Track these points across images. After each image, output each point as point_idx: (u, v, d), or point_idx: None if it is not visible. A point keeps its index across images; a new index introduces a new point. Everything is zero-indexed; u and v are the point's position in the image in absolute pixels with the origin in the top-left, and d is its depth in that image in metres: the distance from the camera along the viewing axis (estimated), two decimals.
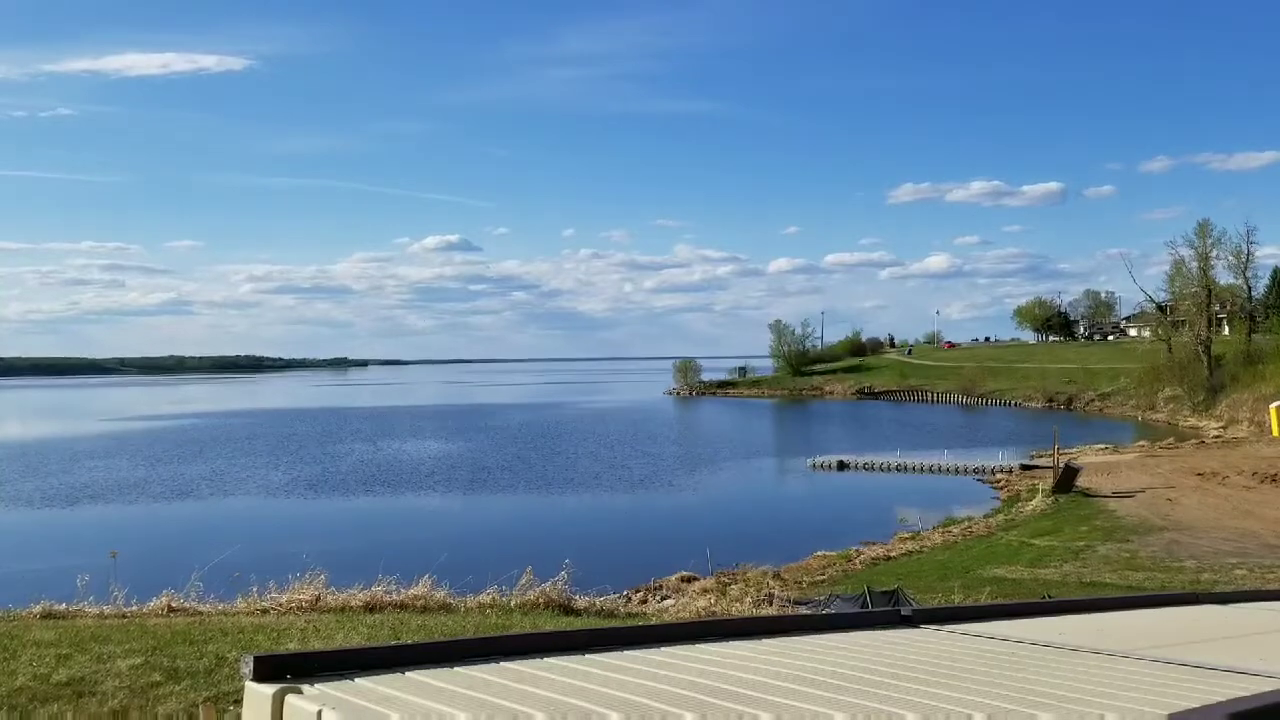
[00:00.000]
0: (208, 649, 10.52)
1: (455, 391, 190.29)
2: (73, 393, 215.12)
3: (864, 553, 35.06)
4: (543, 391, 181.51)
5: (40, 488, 52.35)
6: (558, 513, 45.67)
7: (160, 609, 14.95)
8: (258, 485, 53.92)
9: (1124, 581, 27.37)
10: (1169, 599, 6.34)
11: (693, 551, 31.28)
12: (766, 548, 33.43)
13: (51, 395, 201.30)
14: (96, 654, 10.16)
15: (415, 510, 46.29)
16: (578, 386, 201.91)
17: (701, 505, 48.67)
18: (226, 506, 47.56)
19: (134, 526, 41.40)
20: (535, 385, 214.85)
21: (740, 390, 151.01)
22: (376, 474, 57.84)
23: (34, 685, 9.05)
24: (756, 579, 28.42)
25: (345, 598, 15.50)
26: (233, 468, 61.48)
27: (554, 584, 17.00)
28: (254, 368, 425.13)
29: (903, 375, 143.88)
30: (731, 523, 42.51)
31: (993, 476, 55.04)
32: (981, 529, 38.81)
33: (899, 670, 3.32)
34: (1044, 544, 34.06)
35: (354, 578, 16.74)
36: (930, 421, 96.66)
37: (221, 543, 28.00)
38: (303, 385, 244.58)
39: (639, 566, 30.82)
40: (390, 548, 28.19)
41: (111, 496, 49.50)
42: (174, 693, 8.91)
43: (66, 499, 48.56)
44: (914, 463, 59.30)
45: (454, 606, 15.90)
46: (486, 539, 36.33)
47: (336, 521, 42.87)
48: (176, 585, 16.05)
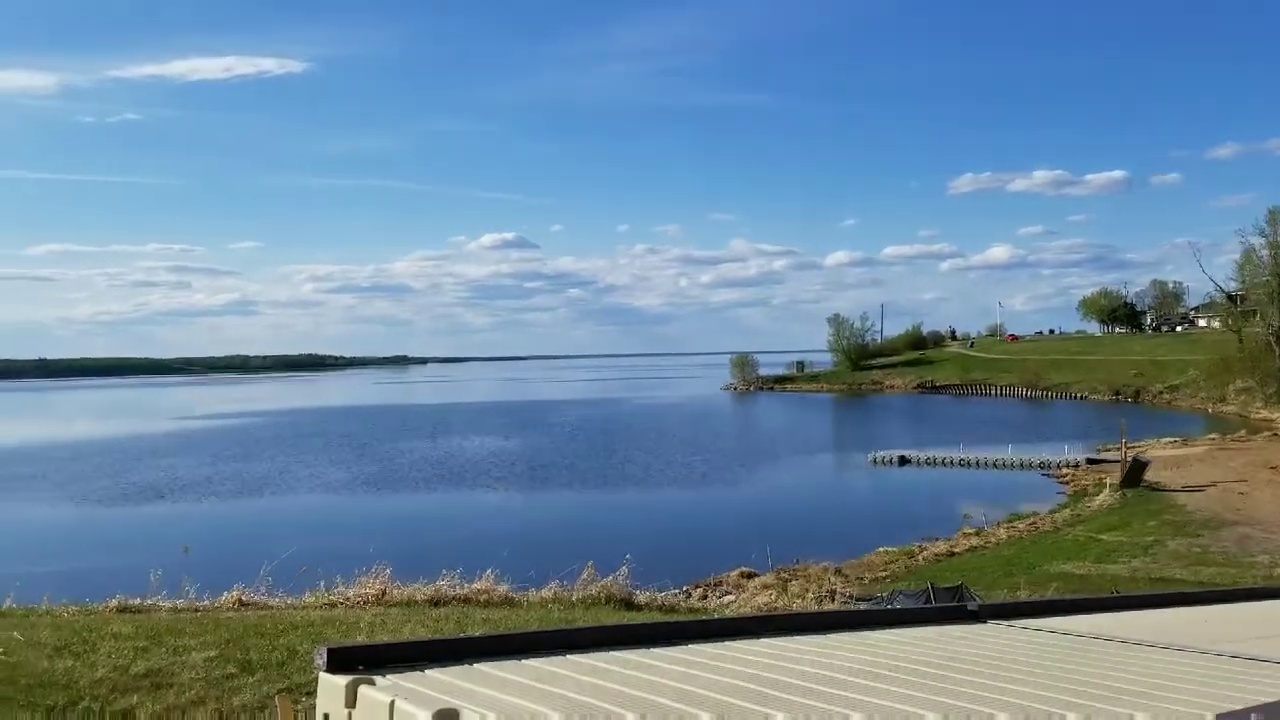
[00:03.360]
0: (279, 642, 10.73)
1: (513, 388, 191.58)
2: (141, 393, 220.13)
3: (927, 549, 34.73)
4: (599, 388, 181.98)
5: (112, 486, 53.70)
6: (617, 508, 45.82)
7: (231, 603, 15.28)
8: (321, 482, 54.79)
9: (1194, 577, 26.84)
10: (1241, 594, 6.22)
11: (752, 548, 31.21)
12: (827, 544, 33.27)
13: (120, 395, 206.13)
14: (172, 647, 10.41)
15: (476, 506, 46.72)
16: (634, 382, 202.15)
17: (760, 501, 48.51)
18: (292, 503, 48.39)
19: (203, 523, 42.30)
20: (592, 381, 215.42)
21: (798, 385, 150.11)
22: (437, 470, 58.46)
23: (114, 677, 9.31)
24: (817, 575, 28.31)
25: (410, 592, 15.73)
26: (296, 465, 62.50)
27: (615, 579, 17.07)
28: (316, 366, 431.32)
29: (965, 369, 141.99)
30: (791, 519, 42.34)
31: (1058, 471, 54.23)
32: (1047, 524, 38.27)
33: (966, 665, 3.31)
34: (1112, 539, 33.49)
35: (418, 572, 16.96)
36: (993, 416, 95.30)
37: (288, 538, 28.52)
38: (363, 383, 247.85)
39: (698, 562, 30.82)
40: (452, 543, 28.56)
41: (181, 494, 50.62)
42: (248, 685, 9.11)
43: (138, 497, 49.77)
44: (977, 458, 58.58)
45: (517, 601, 16.04)
46: (547, 534, 36.57)
47: (399, 517, 43.45)
48: (246, 580, 16.39)
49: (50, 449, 76.42)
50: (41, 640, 10.78)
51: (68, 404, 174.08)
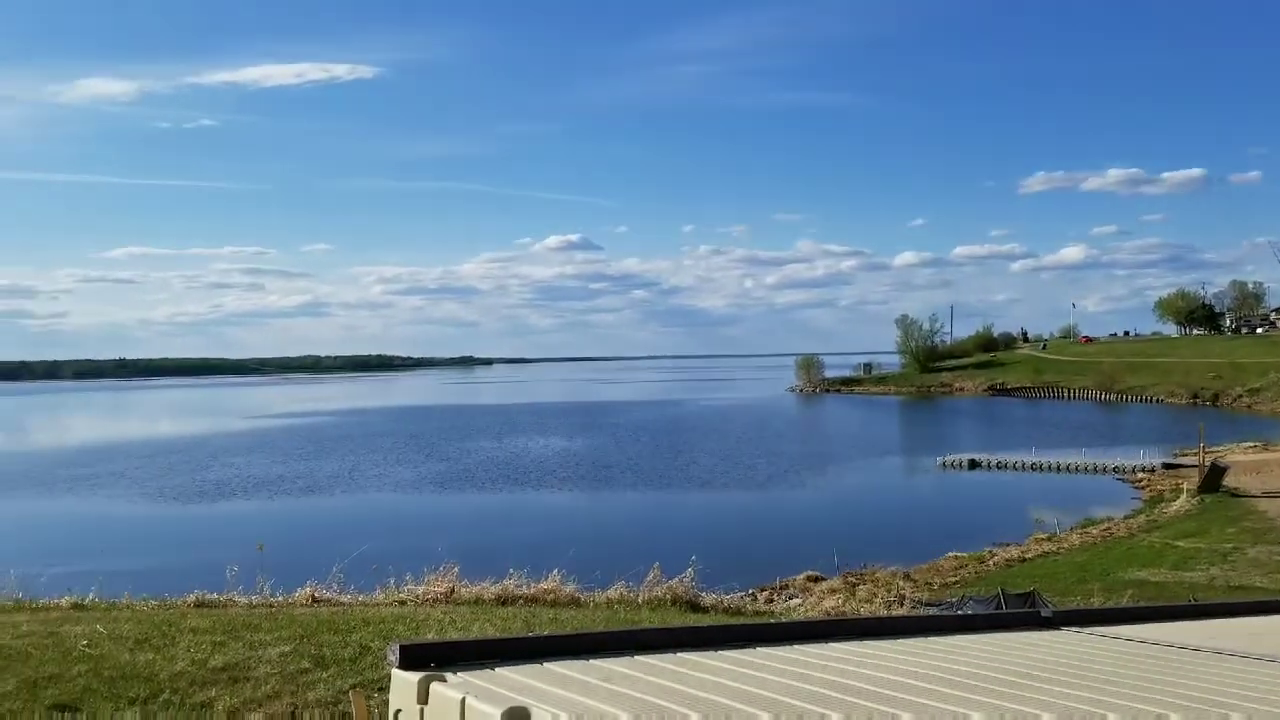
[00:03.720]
0: (351, 638, 10.91)
1: (577, 389, 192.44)
2: (216, 392, 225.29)
3: (997, 554, 34.20)
4: (663, 389, 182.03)
5: (189, 484, 55.03)
6: (682, 510, 45.81)
7: (305, 599, 15.55)
8: (390, 481, 55.57)
9: (1275, 585, 26.08)
10: None
11: (819, 551, 31.03)
12: (895, 548, 32.93)
13: (196, 395, 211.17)
14: (248, 641, 10.65)
15: (542, 506, 47.03)
16: (698, 384, 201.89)
17: (827, 504, 48.15)
18: (362, 501, 49.15)
19: (276, 520, 43.13)
20: (656, 383, 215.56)
21: (865, 387, 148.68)
22: (503, 470, 58.96)
23: (192, 670, 9.55)
24: (886, 580, 28.02)
25: (478, 590, 15.86)
26: (366, 464, 63.47)
27: (681, 581, 17.04)
28: (385, 366, 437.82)
29: (1037, 371, 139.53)
30: (858, 522, 41.97)
31: (1133, 476, 53.09)
32: (1122, 530, 37.48)
33: (1039, 672, 3.27)
34: (1189, 546, 32.67)
35: (485, 571, 17.11)
36: (1066, 419, 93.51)
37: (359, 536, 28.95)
38: (431, 383, 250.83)
39: (764, 565, 30.68)
40: (519, 542, 28.75)
41: (254, 492, 51.69)
42: (322, 679, 9.28)
43: (213, 494, 50.95)
44: (1049, 462, 57.57)
45: (583, 601, 16.10)
46: (612, 535, 36.68)
47: (466, 516, 43.92)
48: (319, 576, 16.67)
49: (130, 448, 78.57)
50: (123, 633, 11.09)
51: (146, 404, 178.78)
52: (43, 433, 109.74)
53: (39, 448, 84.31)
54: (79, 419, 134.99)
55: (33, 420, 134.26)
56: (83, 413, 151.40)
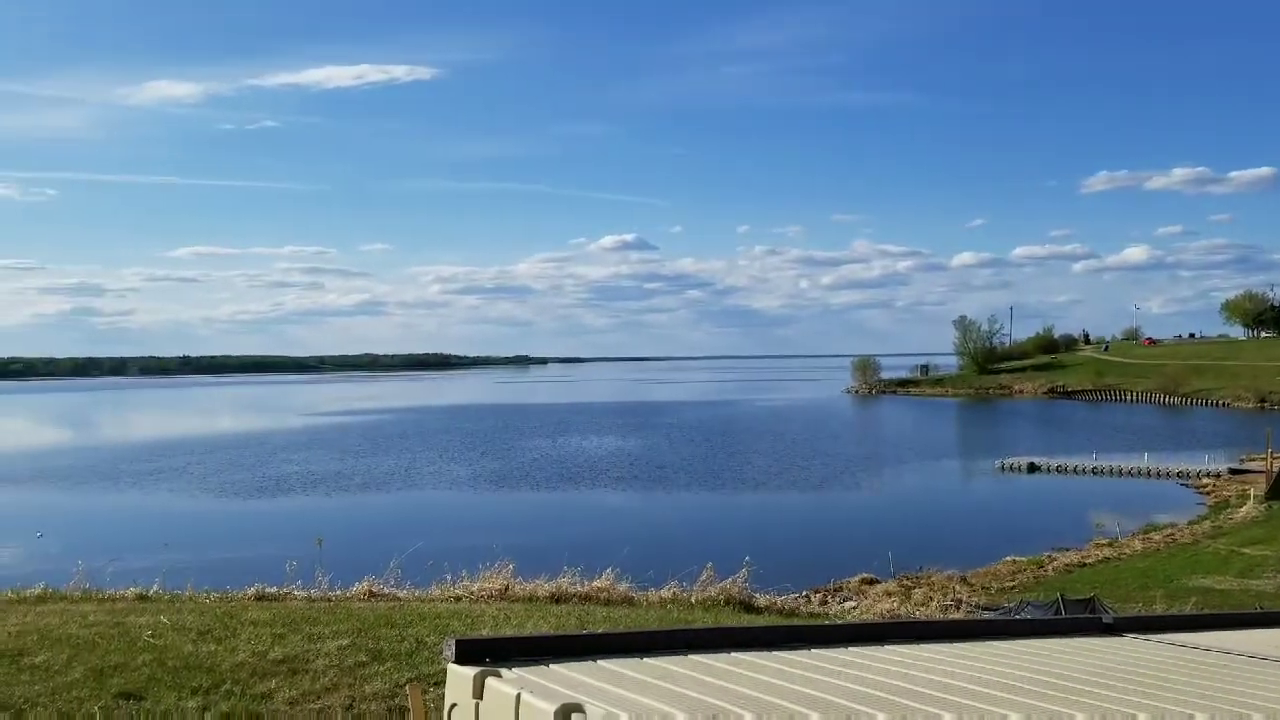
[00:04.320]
0: (408, 632, 11.05)
1: (631, 389, 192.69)
2: (277, 389, 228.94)
3: (1057, 559, 33.64)
4: (718, 389, 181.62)
5: (249, 479, 55.98)
6: (736, 510, 45.67)
7: (362, 594, 15.78)
8: (446, 478, 56.07)
9: None
10: None
11: (874, 554, 30.75)
12: (952, 552, 32.53)
13: (258, 392, 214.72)
14: (307, 634, 10.82)
15: (595, 505, 47.16)
16: (753, 384, 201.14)
17: (883, 506, 47.73)
18: (418, 498, 49.65)
19: (334, 515, 43.72)
20: (710, 383, 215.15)
21: (922, 389, 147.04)
22: (557, 469, 59.21)
23: (253, 661, 9.73)
24: (942, 583, 27.69)
25: (532, 588, 15.99)
26: (422, 461, 64.10)
27: (734, 581, 17.04)
28: (441, 365, 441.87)
29: (1098, 373, 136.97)
30: (914, 525, 41.53)
31: (1198, 481, 51.90)
32: (1186, 536, 36.66)
33: (1101, 679, 3.22)
34: (1256, 553, 31.86)
35: (539, 569, 17.23)
36: (1129, 422, 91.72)
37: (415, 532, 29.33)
38: (486, 383, 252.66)
39: (818, 567, 30.49)
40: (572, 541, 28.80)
41: (313, 487, 52.43)
42: (379, 673, 9.41)
43: (273, 489, 51.77)
44: (1111, 466, 56.52)
45: (636, 600, 16.15)
46: (665, 535, 36.69)
47: (521, 514, 44.18)
48: (376, 572, 16.90)
49: (192, 443, 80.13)
50: (186, 625, 11.34)
51: (209, 400, 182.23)
52: (109, 428, 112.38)
53: (105, 443, 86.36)
54: (144, 415, 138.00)
55: (100, 416, 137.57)
56: (147, 409, 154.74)
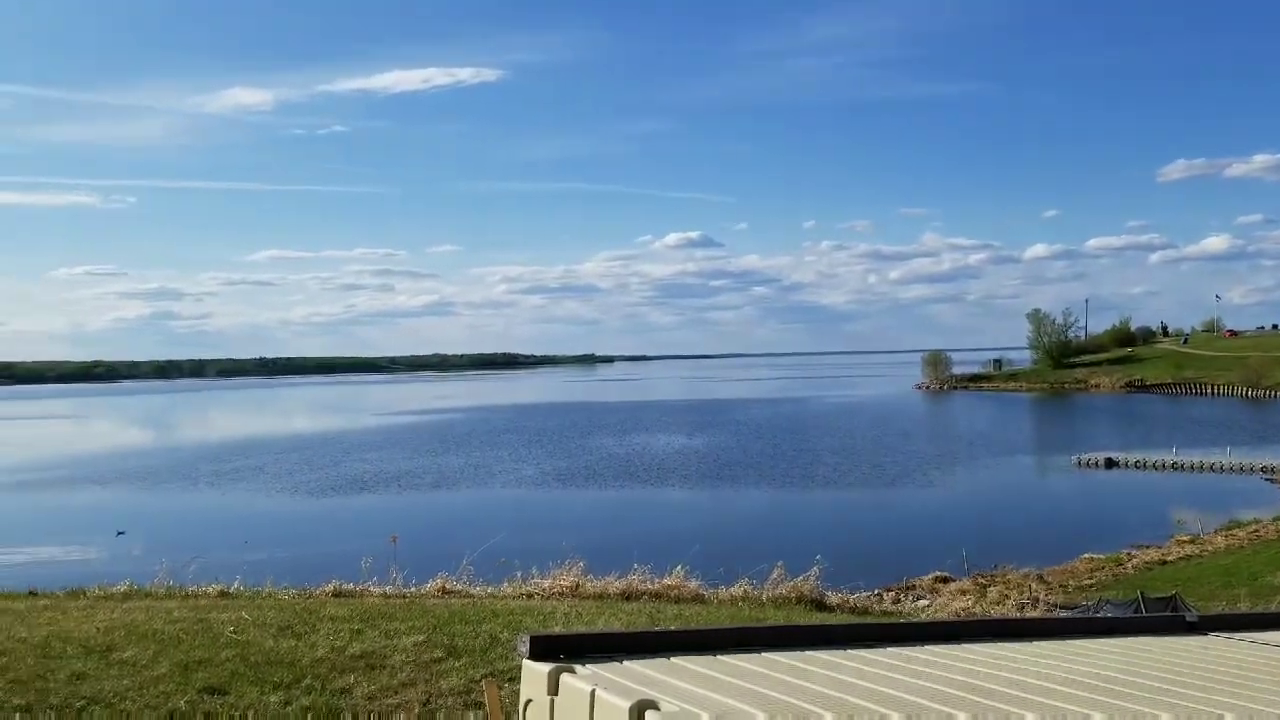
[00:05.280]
0: (482, 629, 11.18)
1: (698, 386, 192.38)
2: (349, 389, 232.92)
3: (1136, 556, 32.90)
4: (785, 386, 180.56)
5: (324, 478, 57.01)
6: (805, 508, 45.38)
7: (436, 590, 16.02)
8: (515, 477, 56.53)
9: None
10: None
11: (948, 552, 30.36)
12: (1027, 549, 31.96)
13: (331, 392, 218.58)
14: (384, 630, 11.01)
15: (663, 503, 47.20)
16: (821, 381, 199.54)
17: (956, 504, 47.06)
18: (488, 496, 50.14)
19: (407, 513, 44.33)
20: (777, 380, 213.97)
21: (996, 384, 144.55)
22: (625, 467, 59.37)
23: (332, 657, 9.93)
24: (1018, 581, 27.23)
25: (603, 585, 16.08)
26: (491, 460, 64.68)
27: (805, 579, 16.97)
28: (509, 364, 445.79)
29: (1177, 367, 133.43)
30: (989, 522, 40.89)
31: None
32: (1271, 533, 35.58)
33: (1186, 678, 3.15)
34: None
35: (609, 566, 17.32)
36: (1209, 416, 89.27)
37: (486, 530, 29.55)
38: (553, 381, 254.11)
39: (891, 565, 30.18)
40: (642, 539, 28.88)
41: (386, 486, 53.23)
42: (454, 669, 9.54)
43: (347, 488, 52.66)
44: (1191, 461, 55.04)
45: (707, 598, 16.16)
46: (735, 533, 36.59)
47: (589, 512, 44.40)
48: (449, 569, 17.15)
49: (269, 443, 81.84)
50: (267, 621, 11.60)
51: (285, 401, 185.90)
52: (189, 429, 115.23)
53: (185, 443, 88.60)
54: (222, 416, 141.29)
55: (180, 417, 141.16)
56: (225, 410, 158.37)
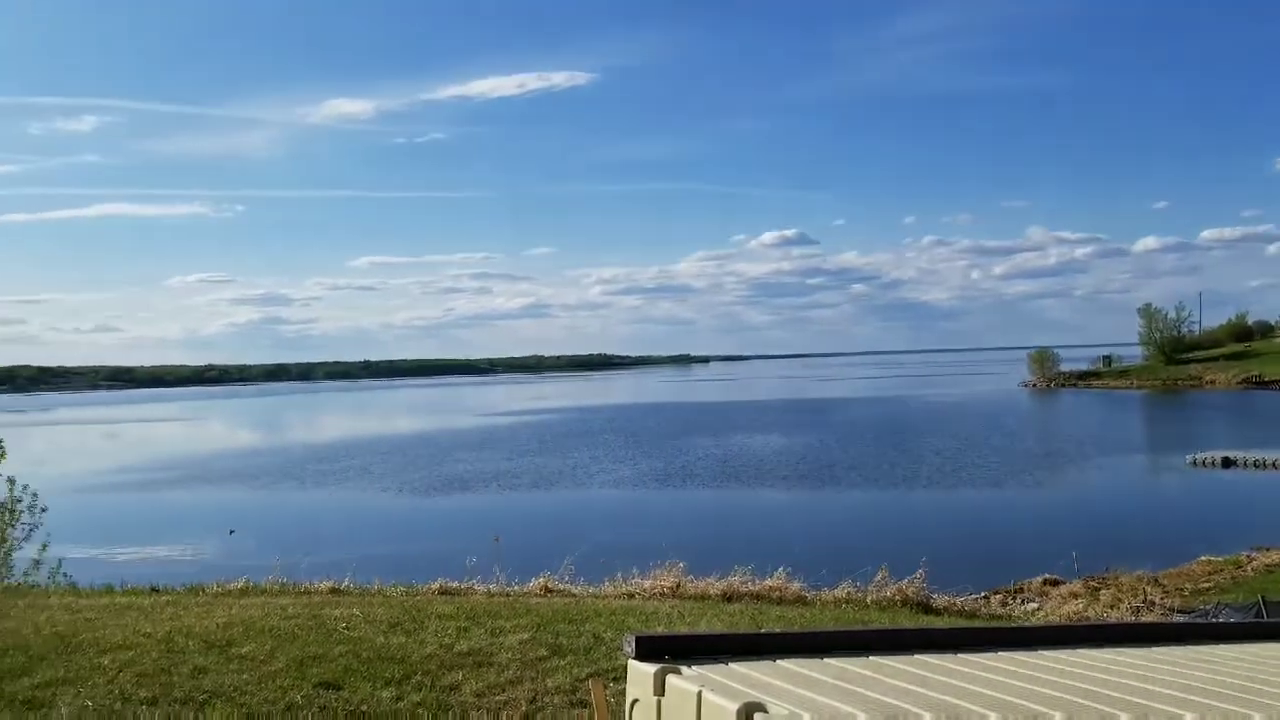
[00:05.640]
0: (585, 628, 11.29)
1: (795, 386, 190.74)
2: (450, 390, 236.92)
3: (1256, 559, 31.54)
4: (885, 385, 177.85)
5: (427, 477, 58.10)
6: (908, 509, 44.65)
7: (539, 589, 16.22)
8: (612, 477, 56.80)
9: None
10: None
11: (1056, 553, 29.52)
12: (1140, 551, 30.92)
13: (433, 393, 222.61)
14: (490, 628, 11.20)
15: (763, 503, 46.91)
16: (923, 380, 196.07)
17: (1065, 505, 45.78)
18: (587, 496, 50.46)
19: (508, 512, 44.86)
20: (877, 379, 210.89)
21: (1105, 381, 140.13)
22: (722, 467, 59.16)
23: (440, 654, 10.14)
24: (1131, 584, 26.38)
25: (704, 586, 16.08)
26: (589, 460, 65.09)
27: (910, 582, 16.74)
28: (605, 365, 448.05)
29: None
30: (1099, 524, 39.68)
31: None
32: None
33: None
34: None
35: (709, 567, 17.31)
36: None
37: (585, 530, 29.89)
38: (649, 381, 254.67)
39: (997, 568, 29.51)
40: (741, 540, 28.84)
41: (487, 485, 54.00)
42: (559, 667, 9.66)
43: (449, 488, 53.57)
44: None
45: (809, 600, 16.04)
46: (836, 534, 36.22)
47: (688, 512, 44.36)
48: (550, 568, 17.36)
49: (373, 443, 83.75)
50: (377, 617, 11.89)
51: (387, 402, 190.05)
52: (297, 430, 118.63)
53: (294, 444, 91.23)
54: (329, 417, 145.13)
55: (288, 419, 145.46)
56: (332, 411, 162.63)
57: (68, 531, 27.03)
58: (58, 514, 22.59)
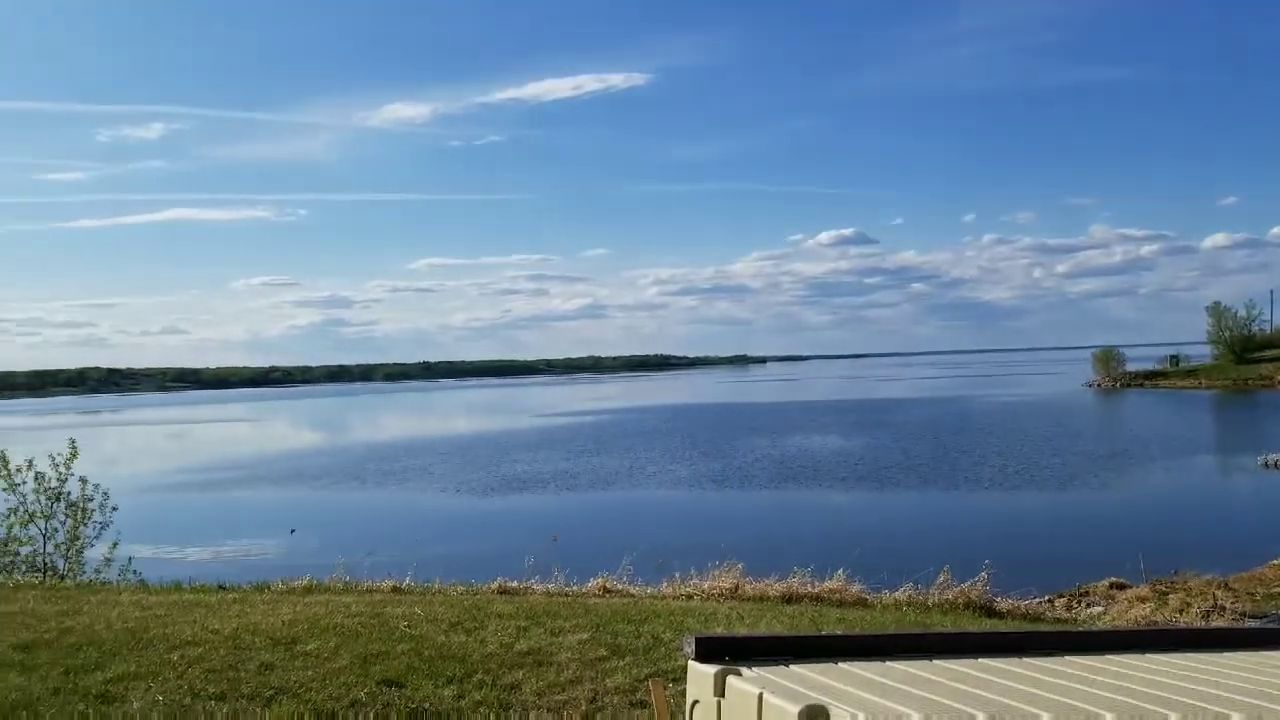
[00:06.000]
0: (644, 628, 11.30)
1: (853, 386, 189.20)
2: (507, 391, 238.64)
3: None
4: (946, 385, 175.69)
5: (486, 477, 58.56)
6: (970, 511, 44.08)
7: (597, 589, 16.27)
8: (669, 478, 56.78)
9: None
10: None
11: (1123, 556, 28.94)
12: (1209, 555, 30.24)
13: (490, 394, 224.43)
14: (549, 628, 11.26)
15: (822, 505, 46.60)
16: (984, 379, 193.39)
17: (1131, 507, 44.90)
18: (644, 496, 50.50)
19: (565, 512, 45.08)
20: (937, 379, 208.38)
21: (1172, 381, 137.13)
22: (780, 468, 58.86)
23: (500, 653, 10.22)
24: (1200, 588, 25.81)
25: (762, 587, 16.02)
26: (645, 460, 65.14)
27: (973, 584, 16.53)
28: (661, 366, 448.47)
29: None
30: (1167, 526, 38.88)
31: None
32: None
33: None
34: None
35: (767, 569, 17.24)
36: None
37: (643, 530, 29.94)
38: (705, 382, 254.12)
39: (1061, 571, 29.03)
40: (799, 541, 28.69)
41: (544, 485, 54.29)
42: (619, 667, 9.68)
43: (507, 487, 53.93)
44: None
45: (870, 602, 15.90)
46: (897, 536, 35.86)
47: (746, 513, 44.20)
48: (608, 568, 17.41)
49: (432, 444, 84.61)
50: (438, 616, 12.01)
51: (447, 403, 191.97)
52: (357, 430, 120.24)
53: (355, 444, 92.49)
54: (389, 417, 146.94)
55: (349, 419, 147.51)
56: (391, 412, 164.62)
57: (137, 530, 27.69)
58: (127, 513, 23.15)
